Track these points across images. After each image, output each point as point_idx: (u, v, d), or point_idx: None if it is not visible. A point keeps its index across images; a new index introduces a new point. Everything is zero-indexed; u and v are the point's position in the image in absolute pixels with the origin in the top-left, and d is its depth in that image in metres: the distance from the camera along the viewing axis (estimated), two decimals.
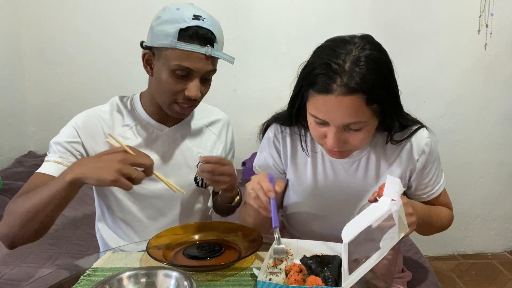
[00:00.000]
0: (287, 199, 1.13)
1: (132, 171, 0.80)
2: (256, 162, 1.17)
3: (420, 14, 2.30)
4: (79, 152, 1.03)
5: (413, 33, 2.31)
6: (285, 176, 1.13)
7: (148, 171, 0.84)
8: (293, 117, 1.02)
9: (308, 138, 1.07)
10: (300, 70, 0.93)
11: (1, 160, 2.24)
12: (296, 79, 0.95)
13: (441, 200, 1.10)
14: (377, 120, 0.92)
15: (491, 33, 2.32)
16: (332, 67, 0.83)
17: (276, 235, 0.85)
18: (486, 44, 2.34)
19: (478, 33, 2.33)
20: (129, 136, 1.09)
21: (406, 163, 1.03)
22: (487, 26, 2.31)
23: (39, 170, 1.00)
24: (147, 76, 1.09)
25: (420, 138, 1.01)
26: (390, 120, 0.95)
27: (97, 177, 0.80)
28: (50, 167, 0.99)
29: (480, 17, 2.31)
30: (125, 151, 0.84)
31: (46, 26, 2.36)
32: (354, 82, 0.81)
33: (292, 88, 0.99)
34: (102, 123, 1.07)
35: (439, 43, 2.33)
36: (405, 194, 1.10)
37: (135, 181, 0.81)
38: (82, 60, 2.39)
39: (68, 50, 2.38)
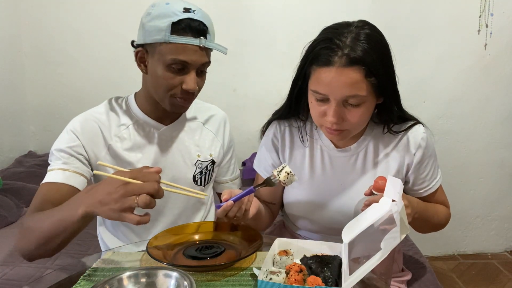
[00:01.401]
0: (287, 196, 1.15)
1: (132, 202, 0.73)
2: (256, 161, 1.20)
3: (420, 14, 2.30)
4: (82, 155, 1.03)
5: (413, 33, 2.31)
6: None
7: (156, 196, 0.76)
8: (292, 102, 1.05)
9: (307, 129, 1.10)
10: (304, 50, 0.97)
11: (1, 160, 2.24)
12: (299, 62, 0.98)
13: (437, 197, 1.11)
14: (375, 99, 0.94)
15: (491, 33, 2.32)
16: (334, 41, 0.89)
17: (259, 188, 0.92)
18: (486, 44, 2.34)
19: (478, 33, 2.33)
20: (126, 136, 1.09)
21: (403, 157, 1.05)
22: (487, 26, 2.31)
23: (46, 180, 0.99)
24: None
25: (417, 133, 1.04)
26: (389, 106, 0.97)
27: (104, 215, 0.76)
28: (56, 175, 0.99)
29: (480, 17, 2.31)
30: (127, 182, 0.76)
31: (46, 26, 2.35)
32: (355, 54, 0.86)
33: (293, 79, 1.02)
34: (99, 124, 1.07)
35: (439, 43, 2.33)
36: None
37: (145, 208, 0.74)
38: (82, 60, 2.39)
39: (68, 50, 2.37)
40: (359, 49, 0.87)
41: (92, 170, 1.06)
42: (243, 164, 2.29)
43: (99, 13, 2.34)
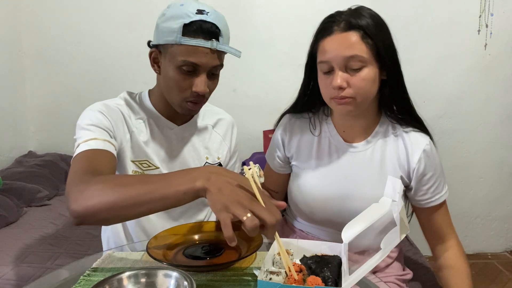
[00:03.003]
0: (292, 187, 1.17)
1: (242, 214, 0.66)
2: (267, 150, 1.25)
3: (420, 14, 2.31)
4: (112, 132, 1.02)
5: (413, 33, 2.31)
6: (290, 164, 1.18)
7: (267, 231, 0.68)
8: (307, 91, 1.10)
9: (317, 120, 1.15)
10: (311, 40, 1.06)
11: (1, 160, 2.24)
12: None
13: (440, 217, 1.09)
14: (377, 67, 0.98)
15: (491, 33, 2.32)
16: (335, 16, 1.01)
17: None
18: (486, 44, 2.34)
19: (478, 33, 2.33)
20: (142, 129, 1.10)
21: (403, 165, 1.05)
22: (487, 26, 2.31)
23: (84, 149, 0.92)
24: (147, 76, 1.09)
25: (419, 143, 1.04)
26: (393, 84, 1.02)
27: (211, 199, 0.70)
28: (95, 144, 0.93)
29: (480, 17, 2.31)
30: (255, 196, 0.70)
31: (46, 26, 2.36)
32: (352, 20, 0.97)
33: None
34: (122, 112, 1.07)
35: (439, 43, 2.33)
36: (405, 196, 1.12)
37: (245, 226, 0.66)
38: (82, 60, 2.39)
39: (68, 50, 2.38)
40: (356, 17, 0.97)
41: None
42: (243, 164, 2.29)
43: (100, 13, 2.34)
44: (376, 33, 0.97)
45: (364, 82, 0.97)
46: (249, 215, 0.65)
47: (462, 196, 2.51)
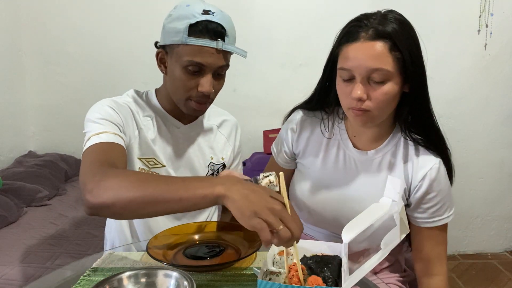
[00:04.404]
0: (294, 184, 1.16)
1: (276, 224, 0.64)
2: (274, 142, 1.23)
3: (420, 14, 2.30)
4: (122, 127, 1.02)
5: None
6: (295, 160, 1.17)
7: (290, 241, 0.67)
8: (322, 92, 1.06)
9: (330, 122, 1.11)
10: (334, 39, 1.00)
11: (1, 160, 2.25)
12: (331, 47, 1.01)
13: (434, 244, 1.06)
14: (400, 82, 0.93)
15: (491, 33, 2.32)
16: (362, 20, 0.94)
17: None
18: (486, 44, 2.34)
19: (478, 33, 2.33)
20: (150, 126, 1.10)
21: (408, 180, 1.02)
22: (487, 26, 2.31)
23: (96, 142, 0.92)
24: (147, 76, 1.09)
25: (428, 161, 1.01)
26: (415, 99, 0.97)
27: (237, 209, 0.67)
28: (107, 137, 0.94)
29: (480, 17, 2.31)
30: (284, 205, 0.69)
31: (46, 26, 2.36)
32: (380, 29, 0.90)
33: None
34: (131, 109, 1.07)
35: (439, 43, 2.33)
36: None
37: (279, 237, 0.65)
38: (82, 60, 2.39)
39: (68, 50, 2.38)
40: (385, 25, 0.91)
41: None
42: (243, 164, 2.29)
43: (100, 13, 2.34)
44: (405, 45, 0.92)
45: (385, 96, 0.92)
46: (281, 226, 0.65)
47: (462, 196, 2.51)
